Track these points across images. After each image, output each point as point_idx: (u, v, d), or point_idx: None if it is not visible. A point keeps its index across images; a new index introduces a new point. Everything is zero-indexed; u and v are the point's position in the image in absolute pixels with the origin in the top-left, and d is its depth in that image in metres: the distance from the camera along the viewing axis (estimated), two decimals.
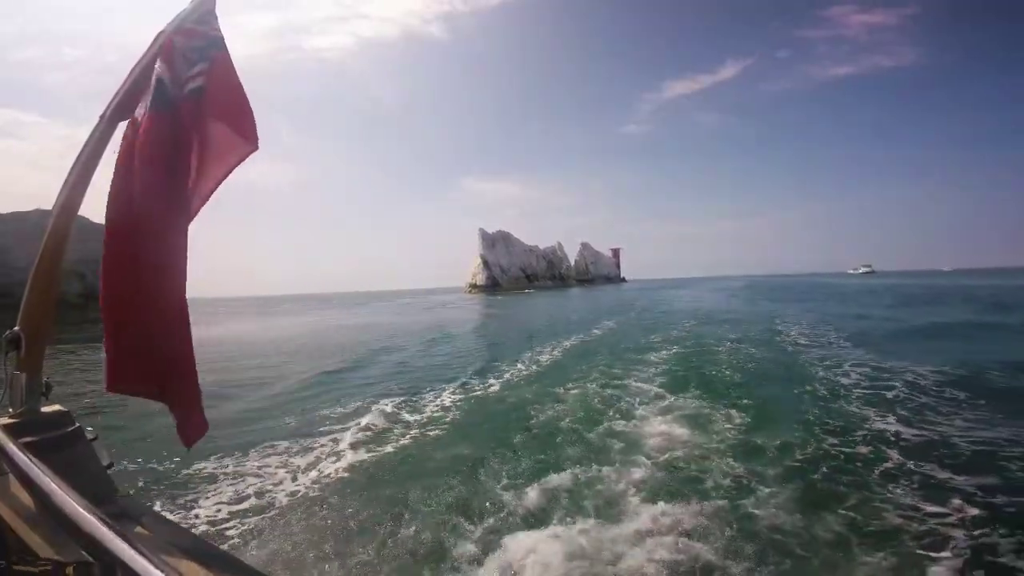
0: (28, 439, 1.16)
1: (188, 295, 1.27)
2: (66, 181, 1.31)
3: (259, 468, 5.54)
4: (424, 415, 7.75)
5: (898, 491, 4.41)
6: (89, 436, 1.32)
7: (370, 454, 5.98)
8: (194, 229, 1.30)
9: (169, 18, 1.37)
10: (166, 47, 1.32)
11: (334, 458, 5.87)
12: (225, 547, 3.53)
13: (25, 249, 36.78)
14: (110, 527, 0.69)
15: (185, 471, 5.31)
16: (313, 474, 5.37)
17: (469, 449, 5.90)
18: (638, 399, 7.90)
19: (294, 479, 5.22)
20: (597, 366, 10.89)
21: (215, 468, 5.44)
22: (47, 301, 1.31)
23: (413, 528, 4.00)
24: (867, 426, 6.17)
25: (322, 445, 6.32)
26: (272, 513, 4.42)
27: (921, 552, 3.52)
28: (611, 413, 7.07)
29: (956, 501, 4.17)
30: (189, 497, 4.71)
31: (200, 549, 1.05)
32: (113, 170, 1.24)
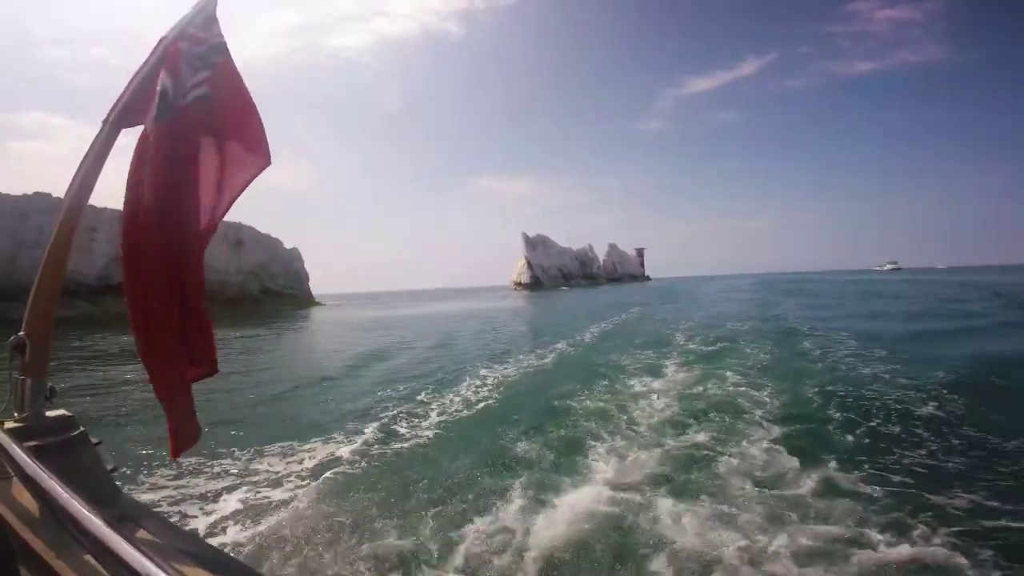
0: (33, 443, 1.10)
1: None
2: (70, 187, 1.21)
3: (274, 458, 5.13)
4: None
5: None
6: (93, 440, 1.24)
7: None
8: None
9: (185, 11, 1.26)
10: (171, 53, 1.22)
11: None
12: (228, 551, 3.20)
13: (211, 249, 41.02)
14: (114, 530, 0.66)
15: (190, 473, 4.77)
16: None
17: None
18: None
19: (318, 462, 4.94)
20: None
21: (222, 467, 4.92)
22: (51, 305, 1.22)
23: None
24: None
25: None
26: (282, 512, 3.91)
27: None
28: None
29: None
30: (193, 500, 4.23)
31: (203, 552, 0.98)
32: (126, 182, 1.18)
